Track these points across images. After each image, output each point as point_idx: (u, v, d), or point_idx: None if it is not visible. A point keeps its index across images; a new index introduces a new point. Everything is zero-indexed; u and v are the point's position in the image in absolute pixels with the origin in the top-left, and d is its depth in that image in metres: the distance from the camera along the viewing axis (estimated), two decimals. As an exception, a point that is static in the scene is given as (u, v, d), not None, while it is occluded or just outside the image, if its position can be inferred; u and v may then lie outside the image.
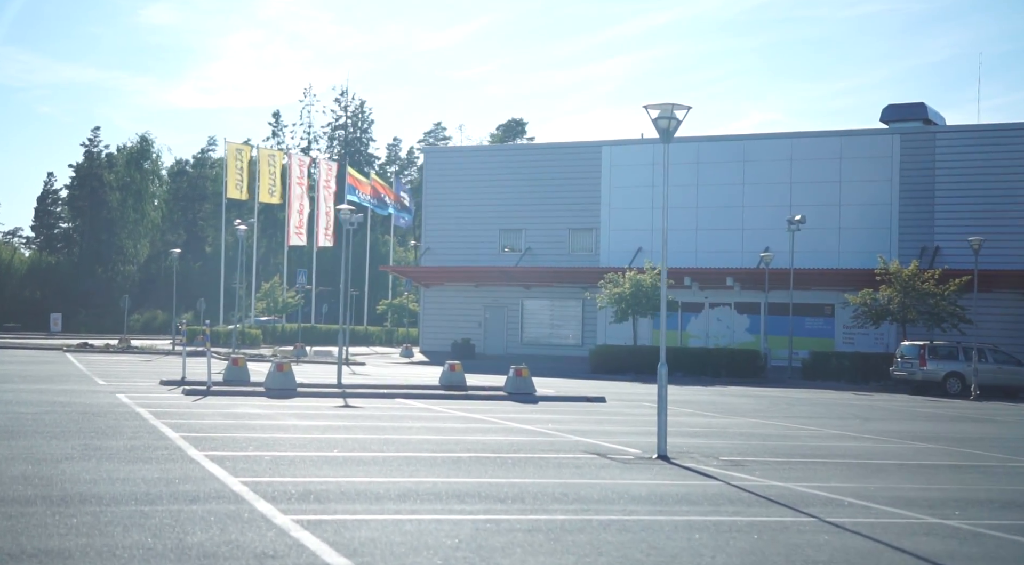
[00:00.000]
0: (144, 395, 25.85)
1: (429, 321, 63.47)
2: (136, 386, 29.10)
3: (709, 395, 34.51)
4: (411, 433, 18.57)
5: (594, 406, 27.15)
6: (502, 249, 61.76)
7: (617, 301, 46.04)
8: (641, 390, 35.79)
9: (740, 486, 13.40)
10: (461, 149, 63.80)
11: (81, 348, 53.79)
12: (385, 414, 22.41)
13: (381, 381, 35.10)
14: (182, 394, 26.42)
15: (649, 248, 57.50)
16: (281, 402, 24.88)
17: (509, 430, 19.71)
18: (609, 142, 59.62)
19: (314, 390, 28.18)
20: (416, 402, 26.49)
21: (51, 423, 18.21)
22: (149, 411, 21.09)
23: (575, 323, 59.84)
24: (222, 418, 20.34)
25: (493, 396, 28.45)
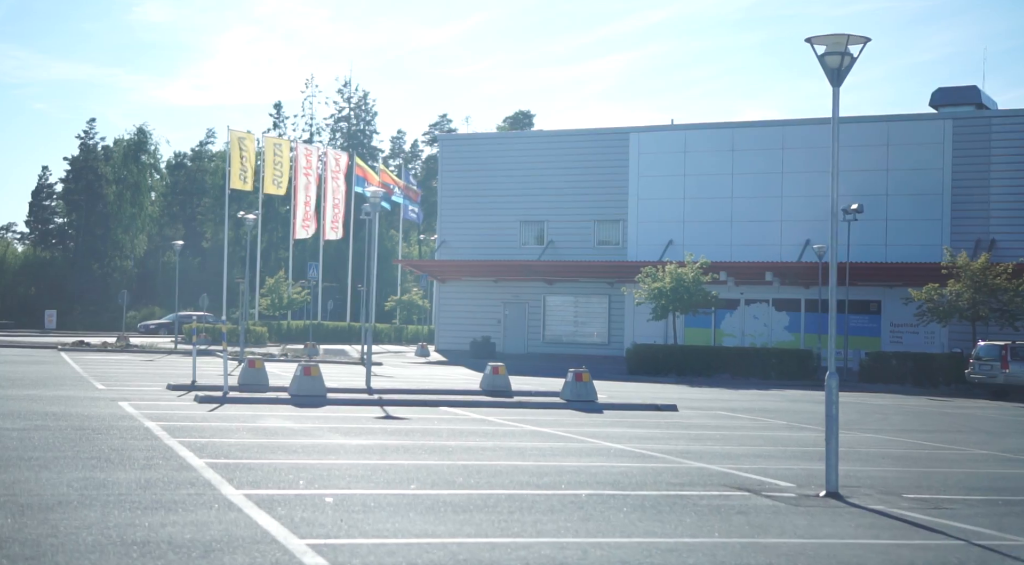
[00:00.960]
0: (151, 403, 22.16)
1: (445, 318, 59.75)
2: (140, 392, 25.40)
3: (777, 401, 30.85)
4: (489, 457, 14.89)
5: (670, 416, 23.45)
6: (523, 242, 58.06)
7: (656, 297, 42.33)
8: (699, 395, 32.17)
9: (995, 549, 9.73)
10: (478, 136, 60.13)
11: (77, 347, 50.02)
12: (440, 428, 18.72)
13: (413, 385, 31.48)
14: (195, 402, 22.72)
15: (680, 241, 53.82)
16: (312, 412, 21.19)
17: (603, 452, 16.03)
18: (637, 128, 55.92)
19: (344, 397, 24.50)
20: (465, 411, 22.81)
21: (41, 444, 14.50)
22: (160, 425, 17.41)
23: (601, 320, 56.16)
24: (250, 435, 16.64)
25: (549, 404, 24.74)
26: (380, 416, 20.78)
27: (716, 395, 32.38)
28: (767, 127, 53.64)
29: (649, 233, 54.75)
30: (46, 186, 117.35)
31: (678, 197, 54.21)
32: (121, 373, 33.28)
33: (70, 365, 37.01)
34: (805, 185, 51.57)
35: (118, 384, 27.98)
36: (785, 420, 23.43)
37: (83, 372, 33.03)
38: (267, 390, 26.35)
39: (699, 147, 54.03)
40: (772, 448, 17.25)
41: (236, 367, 39.04)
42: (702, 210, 53.60)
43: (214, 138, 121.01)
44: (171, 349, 50.87)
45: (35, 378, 29.22)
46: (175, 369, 36.93)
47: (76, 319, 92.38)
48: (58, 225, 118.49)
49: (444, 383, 34.19)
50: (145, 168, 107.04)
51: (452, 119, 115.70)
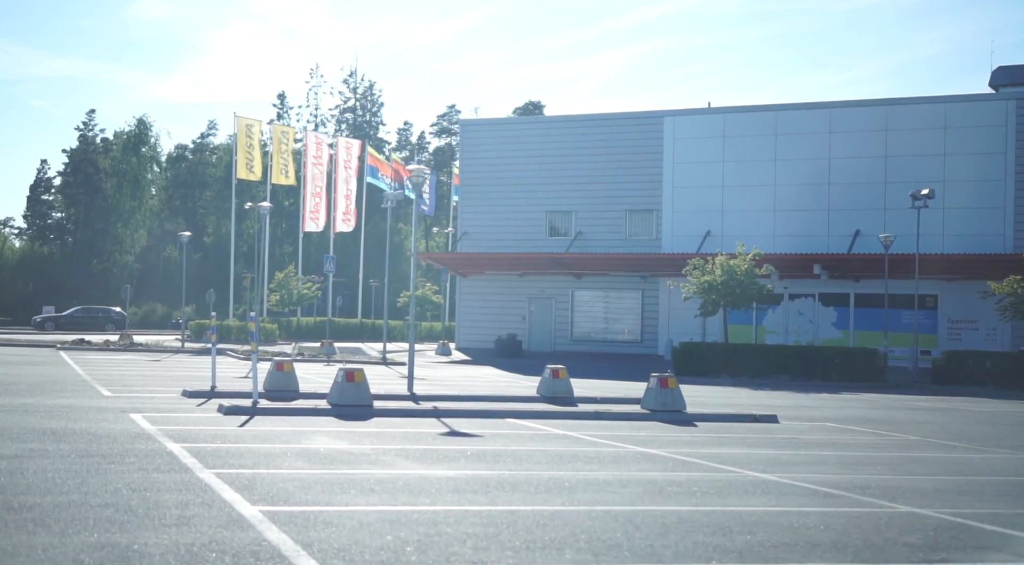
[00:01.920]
0: (168, 415, 18.61)
1: (466, 315, 56.19)
2: (153, 400, 21.83)
3: (868, 408, 27.31)
4: (625, 497, 11.35)
5: (778, 431, 19.88)
6: (549, 233, 54.48)
7: (706, 291, 38.76)
8: (773, 400, 28.65)
9: None
10: (501, 121, 56.63)
11: (77, 345, 46.41)
12: (529, 451, 15.17)
13: (455, 390, 27.91)
14: (219, 413, 19.17)
15: (719, 232, 50.34)
16: (362, 427, 17.64)
17: (760, 487, 12.48)
18: (672, 112, 52.34)
19: (391, 406, 20.90)
20: (537, 424, 19.27)
21: (38, 481, 10.95)
22: (185, 448, 13.87)
23: (633, 316, 52.63)
24: (303, 462, 13.07)
25: (630, 415, 21.15)
26: (444, 432, 17.23)
27: (793, 400, 28.85)
28: (813, 109, 50.04)
29: (685, 224, 51.25)
30: (44, 180, 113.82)
31: (716, 185, 50.70)
32: (127, 376, 29.71)
33: (70, 366, 33.47)
34: (854, 171, 48.12)
35: (126, 390, 24.43)
36: (916, 435, 19.84)
37: (85, 374, 29.49)
38: (298, 397, 22.89)
39: (739, 131, 50.51)
40: (953, 479, 13.72)
41: (247, 368, 35.55)
42: (742, 199, 50.09)
43: (216, 130, 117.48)
44: (178, 348, 47.32)
45: (32, 382, 25.67)
46: (186, 371, 33.41)
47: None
48: (56, 220, 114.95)
49: (487, 387, 30.70)
50: (145, 161, 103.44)
51: (461, 110, 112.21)
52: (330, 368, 38.55)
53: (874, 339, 45.83)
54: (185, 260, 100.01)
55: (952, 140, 46.79)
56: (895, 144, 47.54)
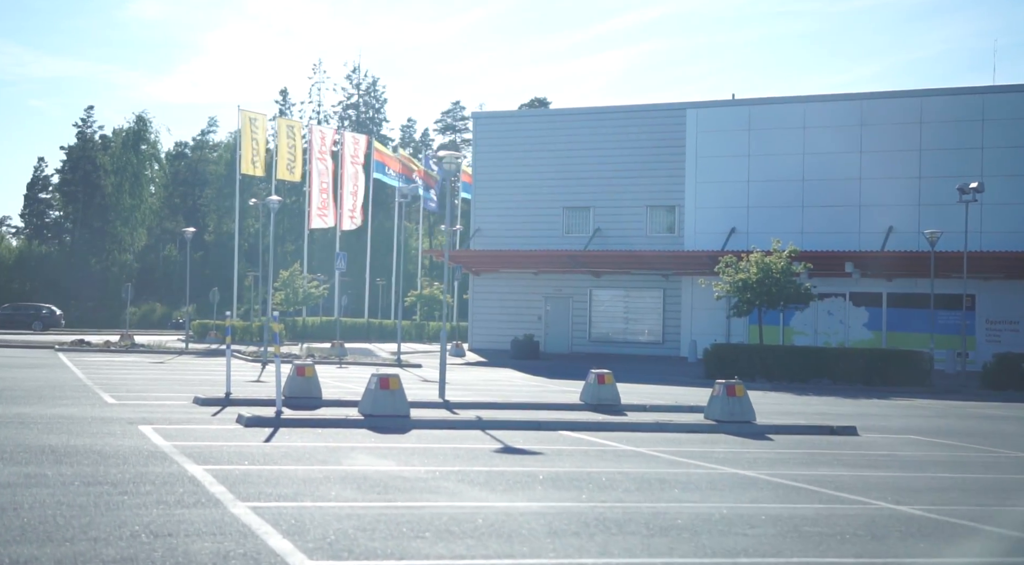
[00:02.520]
0: (182, 428, 16.42)
1: (480, 314, 54.00)
2: (163, 408, 19.62)
3: (933, 416, 25.15)
4: (754, 538, 9.18)
5: (865, 446, 17.70)
6: (567, 230, 52.30)
7: (740, 290, 36.57)
8: (828, 408, 26.49)
9: None
10: (517, 114, 54.44)
11: (76, 346, 44.16)
12: (604, 472, 12.99)
13: (488, 396, 25.72)
14: (239, 425, 16.99)
15: (744, 228, 48.17)
16: (405, 443, 15.46)
17: (909, 522, 10.31)
18: (695, 104, 50.12)
19: (428, 416, 18.70)
20: (594, 438, 17.09)
21: (35, 522, 8.74)
22: (209, 472, 11.69)
23: (654, 317, 50.43)
24: (354, 491, 10.86)
25: (693, 426, 18.95)
26: (499, 449, 15.04)
27: (850, 408, 26.68)
28: (844, 101, 47.84)
29: (709, 220, 49.06)
30: (42, 178, 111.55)
31: (741, 180, 48.53)
32: (131, 380, 27.50)
33: (70, 369, 31.25)
34: (887, 165, 45.97)
35: (131, 396, 22.21)
36: (1020, 451, 17.67)
37: (86, 378, 27.27)
38: (321, 404, 20.74)
39: (765, 124, 48.34)
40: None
41: (260, 371, 33.40)
42: (769, 194, 47.92)
43: (216, 127, 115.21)
44: (181, 349, 45.07)
45: (29, 388, 23.45)
46: (193, 374, 31.21)
47: (73, 316, 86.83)
48: (54, 219, 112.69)
49: (518, 392, 28.52)
50: (145, 158, 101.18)
51: (465, 106, 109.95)
52: (343, 370, 36.40)
53: (908, 340, 43.71)
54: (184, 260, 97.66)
55: (991, 133, 44.63)
56: (930, 137, 45.39)
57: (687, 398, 27.08)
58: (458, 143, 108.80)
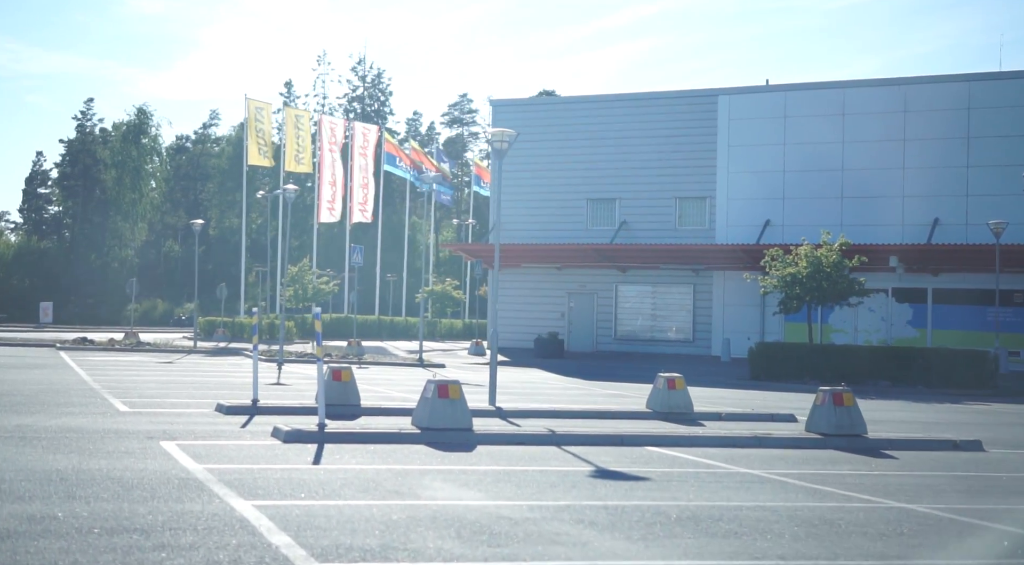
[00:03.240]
0: (212, 444, 13.92)
1: (500, 311, 51.39)
2: (184, 419, 17.12)
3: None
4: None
5: (1004, 464, 15.20)
6: (591, 223, 49.78)
7: (789, 285, 34.06)
8: (915, 414, 24.03)
9: None
10: (538, 101, 51.85)
11: (79, 345, 41.59)
12: (755, 512, 10.47)
13: (536, 403, 23.23)
14: (276, 439, 14.52)
15: (779, 221, 45.68)
16: (476, 463, 12.97)
17: None
18: (727, 90, 47.55)
19: (487, 427, 16.19)
20: (693, 456, 14.61)
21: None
22: (261, 509, 9.20)
23: (684, 313, 47.92)
24: (454, 540, 8.36)
25: (797, 440, 16.41)
26: (592, 473, 12.54)
27: (934, 415, 24.20)
28: (886, 86, 45.29)
29: (741, 212, 46.56)
30: (40, 173, 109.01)
31: (776, 170, 46.03)
32: (141, 383, 24.96)
33: (74, 370, 28.75)
34: (933, 154, 43.49)
35: (145, 402, 19.70)
36: None
37: (92, 381, 24.77)
38: (360, 412, 18.38)
39: (802, 111, 45.83)
40: None
41: (275, 372, 30.92)
42: (806, 185, 45.42)
43: (218, 120, 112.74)
44: (189, 348, 42.54)
45: (31, 392, 20.95)
46: (207, 375, 28.71)
47: (73, 312, 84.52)
48: (53, 214, 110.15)
49: (565, 397, 26.06)
50: (146, 152, 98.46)
51: (473, 99, 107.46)
52: (365, 371, 33.90)
53: (954, 339, 41.27)
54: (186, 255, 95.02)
55: (1044, 119, 42.19)
56: (978, 124, 42.88)
57: (750, 402, 24.63)
58: (465, 137, 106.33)
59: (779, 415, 20.33)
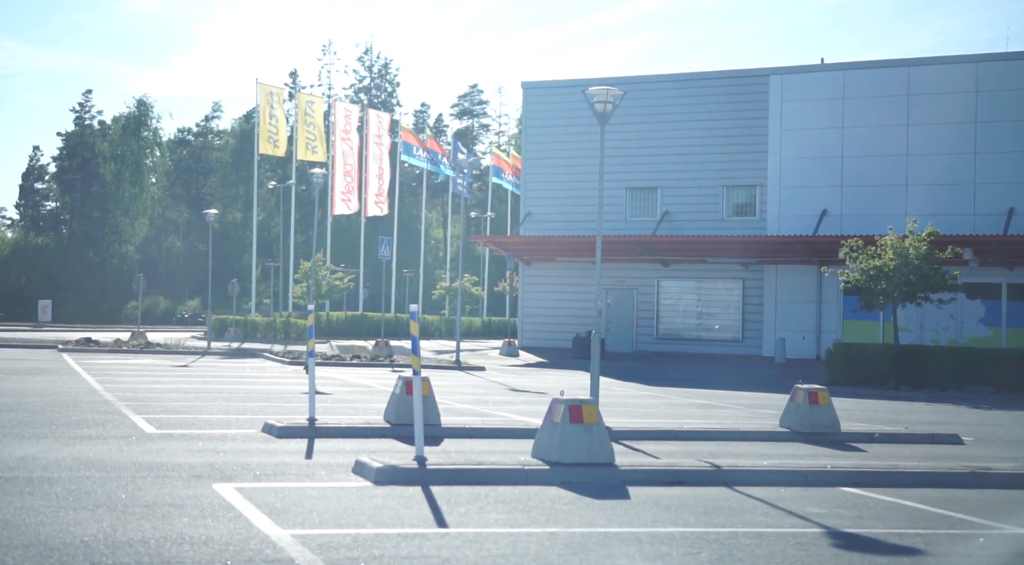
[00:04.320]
0: (284, 488, 10.36)
1: (531, 308, 47.91)
2: (229, 444, 13.57)
3: None
4: None
5: None
6: (631, 214, 46.23)
7: (874, 278, 30.48)
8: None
9: None
10: (572, 83, 48.07)
11: (83, 346, 37.85)
12: None
13: (641, 420, 19.68)
14: (361, 478, 11.00)
15: (837, 211, 42.18)
16: (652, 520, 9.43)
17: None
18: (780, 69, 43.92)
19: (628, 462, 12.56)
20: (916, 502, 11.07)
21: None
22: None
23: (732, 311, 44.37)
24: None
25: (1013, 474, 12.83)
26: (827, 537, 8.99)
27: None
28: (956, 64, 41.65)
29: (795, 201, 43.02)
30: (37, 168, 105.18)
31: (834, 156, 42.48)
32: (160, 392, 21.37)
33: (80, 376, 25.17)
34: (1008, 138, 39.98)
35: (173, 420, 16.16)
36: None
37: (103, 390, 21.21)
38: (443, 434, 14.80)
39: (862, 91, 42.26)
40: None
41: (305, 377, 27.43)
42: (866, 172, 41.89)
43: (220, 112, 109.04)
44: (203, 349, 38.85)
45: (35, 406, 17.38)
46: (230, 382, 25.13)
47: (72, 310, 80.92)
48: (50, 209, 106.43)
49: (651, 410, 22.53)
50: (147, 144, 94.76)
51: (483, 90, 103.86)
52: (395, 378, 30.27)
53: (1023, 337, 37.85)
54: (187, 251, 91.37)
55: None
56: (1059, 105, 39.38)
57: (869, 415, 21.10)
58: (475, 129, 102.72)
59: (941, 436, 16.80)
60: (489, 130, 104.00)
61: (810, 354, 42.16)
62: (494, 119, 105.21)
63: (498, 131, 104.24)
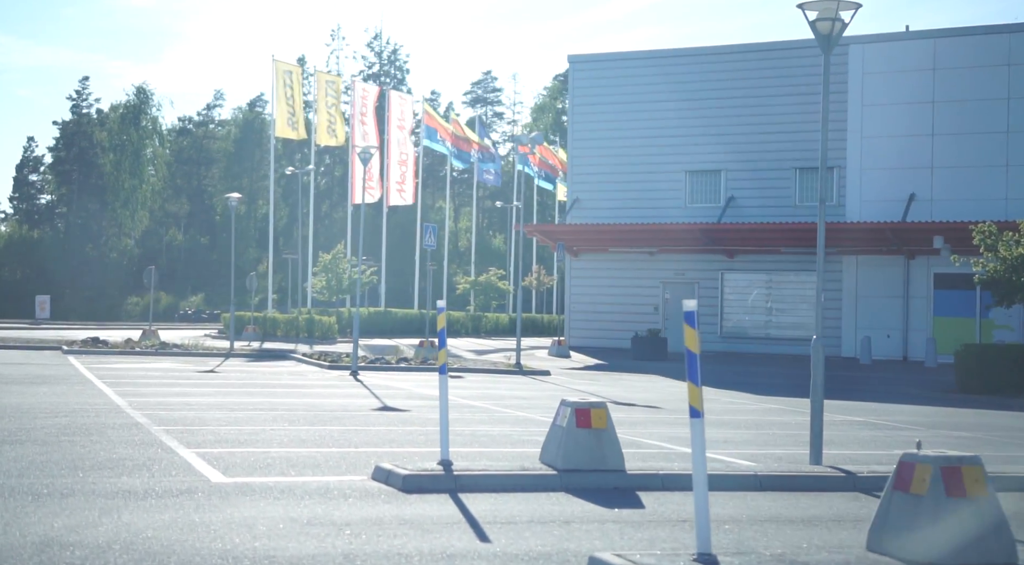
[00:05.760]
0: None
1: (579, 305, 43.43)
2: (342, 506, 9.06)
3: None
4: None
5: None
6: (690, 200, 41.81)
7: (1015, 269, 26.07)
8: None
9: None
10: (625, 56, 43.63)
11: (90, 347, 33.16)
12: None
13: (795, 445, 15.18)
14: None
15: (927, 195, 37.78)
16: None
17: None
18: (861, 38, 39.35)
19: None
20: None
21: None
22: None
23: (805, 307, 39.92)
24: None
25: None
26: None
27: None
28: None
29: (878, 184, 38.63)
30: (32, 159, 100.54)
31: (923, 133, 38.06)
32: (199, 408, 16.93)
33: (94, 385, 20.72)
34: None
35: (237, 457, 11.73)
36: None
37: (129, 407, 16.80)
38: (630, 483, 10.28)
39: (956, 61, 37.85)
40: None
41: (352, 384, 23.10)
42: (960, 151, 37.50)
43: (223, 101, 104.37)
44: (226, 350, 34.26)
45: (46, 436, 12.94)
46: (278, 393, 20.64)
47: (69, 306, 76.50)
48: (46, 202, 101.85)
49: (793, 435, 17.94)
50: (146, 134, 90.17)
51: (497, 77, 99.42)
52: (461, 380, 25.99)
53: None
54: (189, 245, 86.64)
55: None
56: None
57: None
58: (489, 117, 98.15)
59: None
60: (503, 118, 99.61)
61: (896, 355, 37.87)
62: (508, 107, 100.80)
63: (511, 120, 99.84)
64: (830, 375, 31.31)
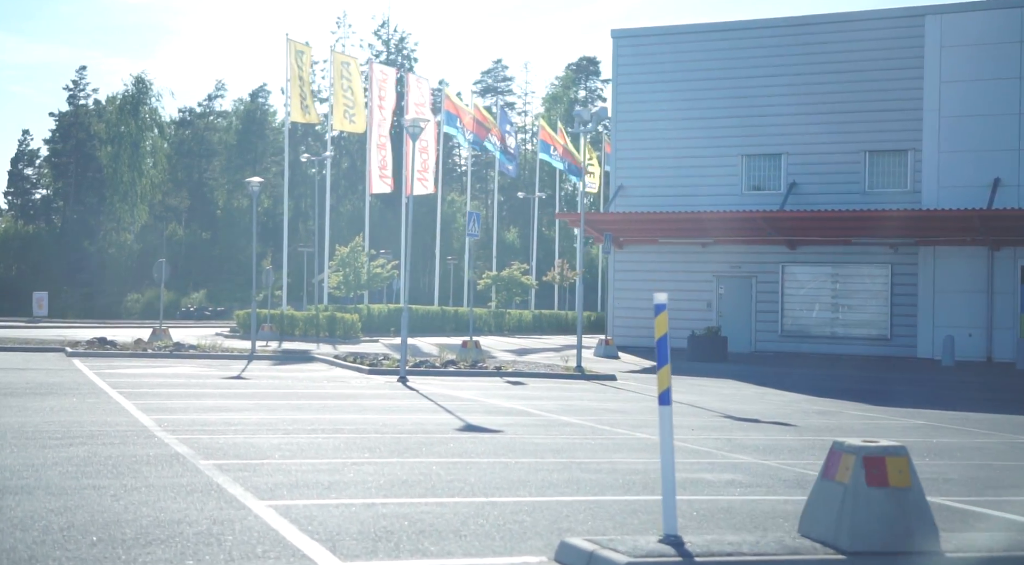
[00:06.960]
0: None
1: (623, 300, 39.85)
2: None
3: None
4: None
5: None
6: (748, 186, 38.25)
7: None
8: None
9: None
10: (673, 30, 40.04)
11: (97, 348, 29.45)
12: None
13: None
14: None
15: (1014, 180, 34.20)
16: None
17: None
18: (938, 7, 35.85)
19: None
20: None
21: None
22: None
23: (878, 303, 36.38)
24: None
25: None
26: None
27: None
28: None
29: (959, 168, 35.09)
30: (27, 153, 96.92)
31: (1010, 112, 34.56)
32: (246, 429, 13.33)
33: (109, 396, 17.14)
34: None
35: (322, 511, 8.02)
36: None
37: (157, 427, 13.28)
38: None
39: (1047, 33, 34.33)
40: None
41: (385, 385, 19.51)
42: (1050, 132, 33.97)
43: (224, 91, 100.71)
44: (246, 352, 30.51)
45: (61, 480, 9.19)
46: (333, 408, 16.94)
47: (67, 304, 73.06)
48: (42, 196, 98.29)
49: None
50: (145, 125, 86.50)
51: (508, 66, 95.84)
52: (523, 389, 22.43)
53: None
54: (189, 240, 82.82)
55: None
56: None
57: None
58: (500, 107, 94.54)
59: None
60: (514, 109, 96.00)
61: (978, 356, 34.37)
62: (519, 97, 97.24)
63: (522, 110, 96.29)
64: (917, 378, 27.79)
